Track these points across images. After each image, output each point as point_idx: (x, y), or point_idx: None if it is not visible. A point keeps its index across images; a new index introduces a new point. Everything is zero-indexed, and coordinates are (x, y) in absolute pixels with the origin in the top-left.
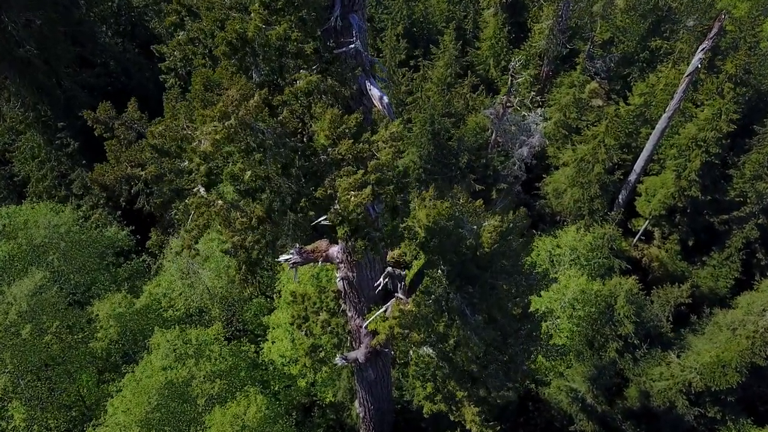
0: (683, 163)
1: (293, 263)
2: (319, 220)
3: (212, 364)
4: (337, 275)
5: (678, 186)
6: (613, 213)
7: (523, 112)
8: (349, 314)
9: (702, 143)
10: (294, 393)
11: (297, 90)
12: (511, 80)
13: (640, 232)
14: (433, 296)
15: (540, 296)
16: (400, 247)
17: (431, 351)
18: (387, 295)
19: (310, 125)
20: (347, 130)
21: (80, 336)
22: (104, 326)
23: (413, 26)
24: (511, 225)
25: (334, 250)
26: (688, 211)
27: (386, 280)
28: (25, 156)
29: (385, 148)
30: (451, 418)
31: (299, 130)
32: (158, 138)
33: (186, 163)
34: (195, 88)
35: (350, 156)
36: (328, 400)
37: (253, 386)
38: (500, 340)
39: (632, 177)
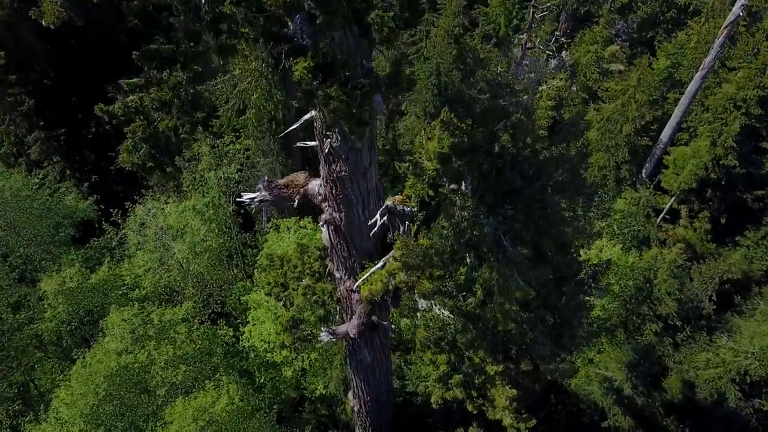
0: (719, 127)
1: (259, 201)
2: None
3: (176, 348)
4: (321, 220)
5: (712, 154)
6: (641, 180)
7: (546, 53)
8: (338, 276)
9: (741, 104)
10: (281, 385)
11: None
12: (532, 14)
13: (665, 211)
14: (453, 222)
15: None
16: (402, 192)
17: (447, 312)
18: (386, 248)
19: None
20: None
21: (23, 315)
22: (52, 304)
23: None
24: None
25: (315, 184)
26: (723, 183)
27: (384, 218)
28: None
29: None
30: (470, 408)
31: None
32: None
33: None
34: None
35: None
36: (318, 392)
37: (227, 374)
38: (552, 286)
39: (657, 148)
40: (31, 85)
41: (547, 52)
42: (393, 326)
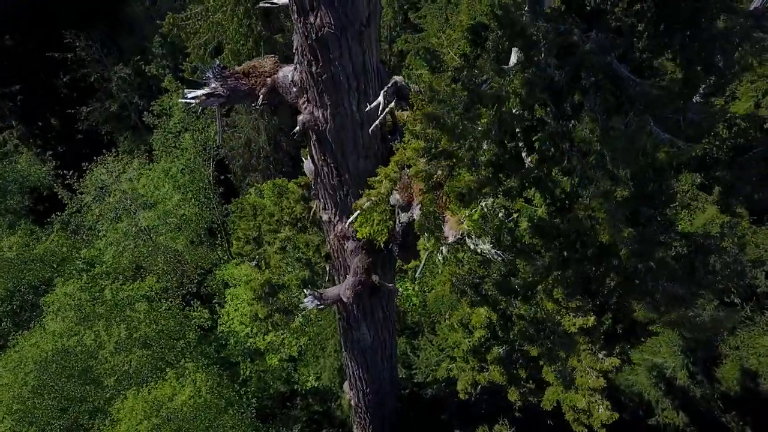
0: None
1: (207, 97)
2: None
3: (132, 329)
4: (298, 125)
5: None
6: None
7: None
8: (325, 218)
9: None
10: (267, 377)
11: None
12: None
13: None
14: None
15: None
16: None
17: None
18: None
19: None
20: None
21: None
22: None
23: None
24: None
25: (287, 71)
26: None
27: (391, 103)
28: None
29: None
30: (512, 398)
31: None
32: None
33: None
34: None
35: None
36: (309, 384)
37: (195, 361)
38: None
39: None
40: None
41: None
42: (398, 295)
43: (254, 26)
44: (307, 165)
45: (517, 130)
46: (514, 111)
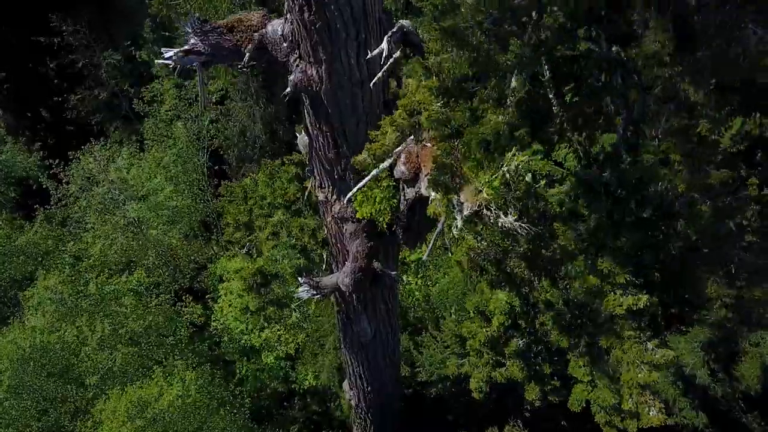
0: None
1: (185, 53)
2: None
3: (117, 325)
4: (288, 86)
5: None
6: None
7: None
8: (321, 197)
9: None
10: (263, 376)
11: None
12: None
13: None
14: None
15: None
16: None
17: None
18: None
19: None
20: None
21: None
22: None
23: None
24: None
25: (276, 25)
26: None
27: (397, 52)
28: None
29: None
30: (530, 396)
31: None
32: None
33: None
34: None
35: None
36: (307, 383)
37: (185, 359)
38: None
39: None
40: None
41: None
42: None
43: (249, 4)
44: (301, 139)
45: (558, 54)
46: (556, 24)
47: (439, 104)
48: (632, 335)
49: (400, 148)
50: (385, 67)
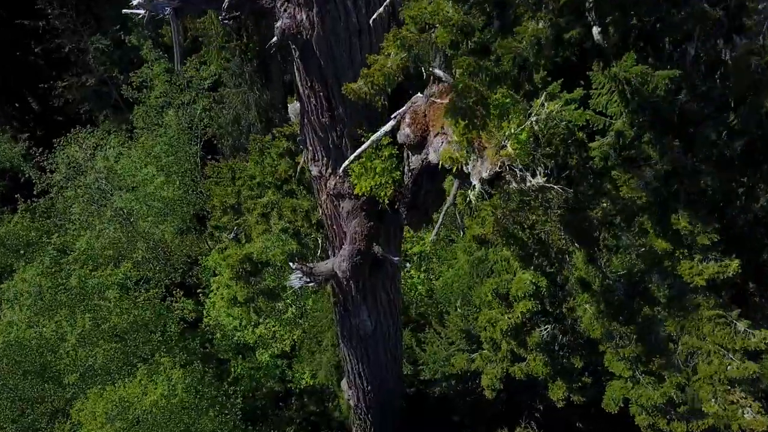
0: None
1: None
2: None
3: (100, 320)
4: (275, 34)
5: None
6: None
7: None
8: (315, 172)
9: None
10: (258, 375)
11: None
12: None
13: None
14: None
15: None
16: None
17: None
18: (401, 93)
19: None
20: None
21: None
22: None
23: None
24: None
25: None
26: None
27: None
28: None
29: None
30: (555, 395)
31: None
32: None
33: None
34: None
35: None
36: (305, 382)
37: (173, 356)
38: None
39: None
40: None
41: None
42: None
43: None
44: (292, 107)
45: None
46: None
47: (457, 10)
48: (715, 315)
49: (405, 107)
50: (388, 1)
